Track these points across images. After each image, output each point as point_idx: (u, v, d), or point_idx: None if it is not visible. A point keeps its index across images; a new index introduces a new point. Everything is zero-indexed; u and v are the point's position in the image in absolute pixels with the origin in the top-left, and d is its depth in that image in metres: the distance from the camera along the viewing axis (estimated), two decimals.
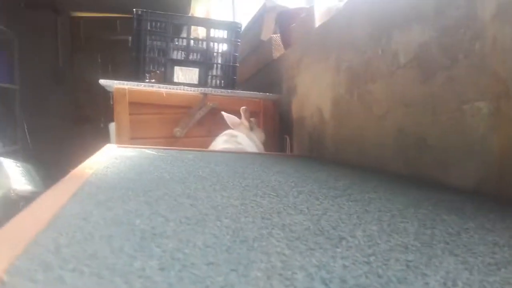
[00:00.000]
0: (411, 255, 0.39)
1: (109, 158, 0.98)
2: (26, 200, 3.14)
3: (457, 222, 0.52)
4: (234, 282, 0.30)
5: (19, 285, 0.28)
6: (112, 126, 2.72)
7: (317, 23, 1.64)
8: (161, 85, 1.69)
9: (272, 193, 0.64)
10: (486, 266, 0.37)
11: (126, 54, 4.65)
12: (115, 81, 1.66)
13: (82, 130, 4.75)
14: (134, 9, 1.76)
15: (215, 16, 3.16)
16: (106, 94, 5.24)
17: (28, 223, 0.41)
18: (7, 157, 3.43)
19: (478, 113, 0.85)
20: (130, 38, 2.02)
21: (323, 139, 1.52)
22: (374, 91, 1.21)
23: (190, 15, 3.00)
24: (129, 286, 0.29)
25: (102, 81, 1.64)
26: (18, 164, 3.42)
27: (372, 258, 0.37)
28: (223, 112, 1.57)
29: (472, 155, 0.86)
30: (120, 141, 1.64)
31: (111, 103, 1.78)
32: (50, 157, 4.18)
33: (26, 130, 4.35)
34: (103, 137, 5.08)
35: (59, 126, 4.53)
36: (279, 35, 2.02)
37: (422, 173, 1.01)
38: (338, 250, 0.39)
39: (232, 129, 1.56)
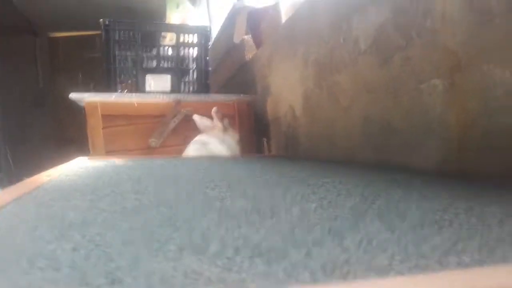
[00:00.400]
0: (338, 223, 0.38)
1: (73, 167, 0.98)
2: None
3: (400, 195, 0.52)
4: (142, 256, 0.30)
5: None
6: None
7: (284, 19, 1.64)
8: (133, 95, 1.68)
9: (224, 186, 0.63)
10: (410, 227, 0.36)
11: None
12: (85, 94, 1.65)
13: (67, 152, 4.72)
14: (100, 20, 1.76)
15: (191, 23, 3.17)
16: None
17: None
18: None
19: (434, 90, 0.86)
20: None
21: (296, 137, 1.52)
22: (340, 81, 1.21)
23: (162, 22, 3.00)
24: (30, 265, 0.28)
25: (72, 95, 1.64)
26: None
27: (297, 229, 0.37)
28: (195, 116, 1.56)
29: (432, 134, 0.86)
30: (95, 155, 1.63)
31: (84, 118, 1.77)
32: None
33: (9, 157, 4.31)
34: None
35: (43, 149, 4.49)
36: (250, 36, 2.02)
37: (389, 158, 1.01)
38: (266, 224, 0.39)
39: (204, 134, 1.55)
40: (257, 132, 1.80)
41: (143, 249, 0.32)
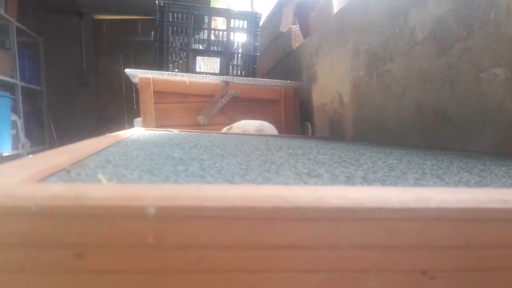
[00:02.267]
0: (362, 170, 0.42)
1: (139, 132, 1.04)
2: None
3: (441, 157, 0.55)
4: (267, 176, 0.34)
5: (82, 170, 0.33)
6: (137, 121, 2.79)
7: (335, 10, 1.67)
8: (184, 74, 1.74)
9: (275, 147, 0.68)
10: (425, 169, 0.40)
11: (147, 55, 4.75)
12: (140, 71, 1.72)
13: (106, 130, 4.87)
14: (156, 1, 1.82)
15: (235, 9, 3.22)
16: (128, 94, 5.30)
17: (79, 150, 0.46)
18: None
19: (495, 79, 0.88)
20: (152, 32, 2.07)
21: (343, 123, 1.55)
22: (393, 70, 1.23)
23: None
24: (176, 177, 0.33)
25: (127, 71, 1.71)
26: None
27: (324, 166, 0.40)
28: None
29: (490, 123, 0.88)
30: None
31: (134, 95, 1.85)
32: None
33: (53, 130, 4.50)
34: None
35: (84, 126, 4.66)
36: (298, 25, 2.06)
37: (442, 145, 1.03)
38: (303, 160, 0.43)
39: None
40: (301, 117, 1.84)
41: (261, 174, 0.36)
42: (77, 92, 4.69)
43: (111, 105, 4.88)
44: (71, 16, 4.73)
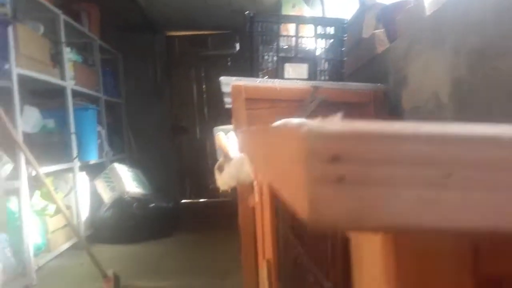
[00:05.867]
0: None
1: None
2: (138, 201, 3.43)
3: None
4: None
5: None
6: (217, 130, 2.89)
7: (428, 12, 1.66)
8: (275, 81, 1.80)
9: None
10: None
11: (217, 68, 4.92)
12: (233, 78, 1.80)
13: (179, 140, 5.10)
14: (246, 12, 1.91)
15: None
16: (200, 106, 5.49)
17: None
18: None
19: None
20: (236, 44, 2.16)
21: (441, 123, 1.53)
22: (501, 68, 1.21)
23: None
24: None
25: (222, 78, 1.80)
26: (129, 169, 3.75)
27: None
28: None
29: None
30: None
31: (224, 104, 1.92)
32: (152, 164, 4.53)
33: (131, 140, 4.77)
34: (199, 146, 5.33)
35: (159, 136, 4.89)
36: (382, 30, 2.06)
37: None
38: None
39: None
40: (391, 120, 1.83)
41: None
42: (152, 104, 4.94)
43: (183, 117, 5.08)
44: (145, 34, 5.01)
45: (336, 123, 0.25)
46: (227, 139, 1.47)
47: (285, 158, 0.31)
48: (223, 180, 1.50)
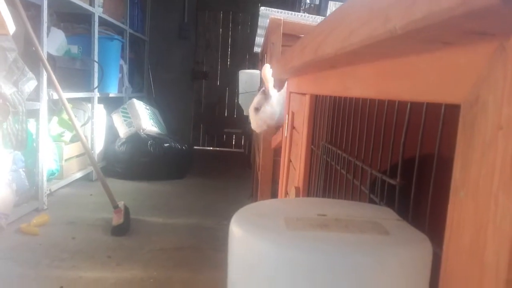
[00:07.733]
0: None
1: None
2: (153, 139, 3.38)
3: None
4: None
5: None
6: (243, 74, 2.78)
7: None
8: (316, 17, 1.68)
9: None
10: None
11: (246, 14, 4.74)
12: (273, 10, 1.68)
13: (198, 86, 4.99)
14: None
15: None
16: (223, 51, 5.36)
17: None
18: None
19: None
20: None
21: None
22: None
23: None
24: None
25: (262, 9, 1.68)
26: (147, 107, 3.68)
27: None
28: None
29: None
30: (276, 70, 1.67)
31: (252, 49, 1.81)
32: (169, 107, 4.46)
33: (151, 80, 4.68)
34: (219, 94, 5.24)
35: (179, 79, 4.80)
36: None
37: None
38: None
39: None
40: None
41: None
42: (176, 45, 4.81)
43: (205, 61, 4.96)
44: None
45: None
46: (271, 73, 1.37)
47: None
48: (260, 121, 1.43)
